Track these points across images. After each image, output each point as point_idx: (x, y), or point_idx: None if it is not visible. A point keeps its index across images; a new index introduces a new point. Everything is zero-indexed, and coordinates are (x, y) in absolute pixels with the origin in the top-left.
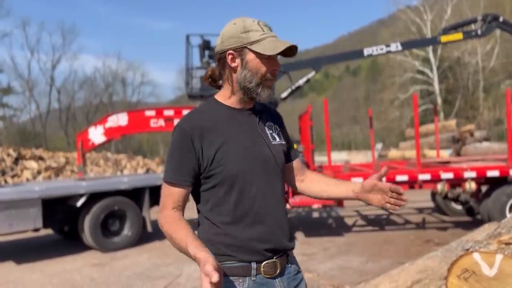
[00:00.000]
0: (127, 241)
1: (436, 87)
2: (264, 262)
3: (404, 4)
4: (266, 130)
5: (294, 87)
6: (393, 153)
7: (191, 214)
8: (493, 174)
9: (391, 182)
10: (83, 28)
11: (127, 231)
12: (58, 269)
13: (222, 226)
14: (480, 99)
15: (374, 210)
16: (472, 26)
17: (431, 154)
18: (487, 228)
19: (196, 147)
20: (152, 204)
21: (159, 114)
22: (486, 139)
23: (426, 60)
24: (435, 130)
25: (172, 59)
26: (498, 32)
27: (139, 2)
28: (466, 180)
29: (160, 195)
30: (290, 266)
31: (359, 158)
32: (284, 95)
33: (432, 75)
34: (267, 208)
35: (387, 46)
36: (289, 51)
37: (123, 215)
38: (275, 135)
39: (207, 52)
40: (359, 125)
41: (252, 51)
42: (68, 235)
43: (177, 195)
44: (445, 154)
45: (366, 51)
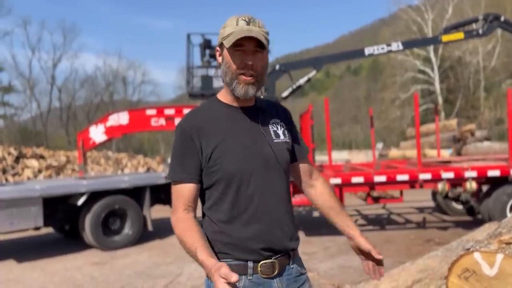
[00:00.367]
0: (128, 240)
1: (437, 86)
2: (261, 262)
3: (405, 4)
4: (269, 128)
5: (295, 86)
6: (393, 152)
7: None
8: (494, 173)
9: (392, 182)
10: (84, 27)
11: (127, 230)
12: (59, 267)
13: (219, 224)
14: (481, 99)
15: (374, 210)
16: (473, 26)
17: (432, 153)
18: (487, 228)
19: (197, 145)
20: (153, 203)
21: (160, 113)
22: (487, 138)
23: (427, 60)
24: (436, 130)
25: (173, 58)
26: (499, 31)
27: (140, 0)
28: (466, 179)
29: (160, 194)
30: (292, 267)
31: (360, 157)
32: (285, 94)
33: (433, 75)
34: (266, 207)
35: (388, 45)
36: (258, 42)
37: (124, 214)
38: (280, 132)
39: (208, 51)
40: (359, 124)
41: (225, 47)
42: (68, 233)
43: (185, 193)
44: (445, 154)
45: (367, 51)
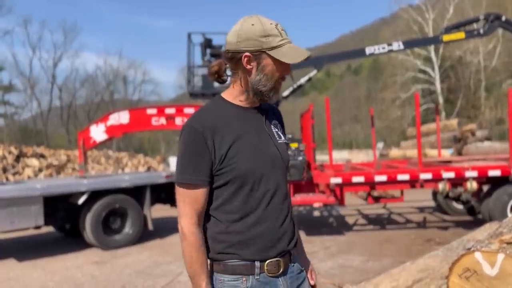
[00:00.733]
0: (128, 239)
1: (437, 86)
2: (267, 261)
3: (406, 3)
4: (272, 129)
5: (295, 86)
6: (394, 152)
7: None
8: (494, 173)
9: (393, 182)
10: (84, 26)
11: (128, 229)
12: (59, 266)
13: (228, 224)
14: (482, 99)
15: (375, 210)
16: (474, 25)
17: (432, 153)
18: (488, 228)
19: (209, 145)
20: (153, 202)
21: (161, 112)
22: (488, 138)
23: (427, 59)
24: (436, 130)
25: (174, 57)
26: (500, 31)
27: (141, 0)
28: (467, 179)
29: (161, 193)
30: (293, 265)
31: (360, 157)
32: (285, 93)
33: (434, 74)
34: (273, 206)
35: (389, 45)
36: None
37: (124, 213)
38: (280, 133)
39: (208, 50)
40: (360, 124)
41: (270, 57)
42: (69, 232)
43: (197, 197)
44: (446, 154)
45: (368, 50)
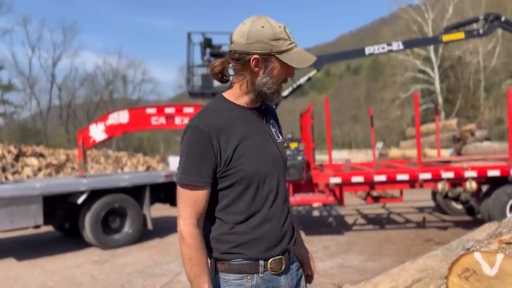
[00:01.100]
0: (128, 238)
1: (437, 86)
2: (270, 259)
3: (406, 3)
4: (271, 129)
5: (295, 86)
6: (393, 152)
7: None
8: (493, 173)
9: (392, 182)
10: (84, 26)
11: (127, 229)
12: (59, 265)
13: (233, 225)
14: (481, 99)
15: (374, 209)
16: (474, 26)
17: (432, 153)
18: (487, 228)
19: (215, 146)
20: (153, 201)
21: (160, 111)
22: (487, 138)
23: (427, 59)
24: (436, 130)
25: (173, 57)
26: (499, 31)
27: None
28: (466, 179)
29: (160, 193)
30: (292, 263)
31: (360, 157)
32: (285, 93)
33: (433, 74)
34: (277, 206)
35: (389, 45)
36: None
37: (124, 213)
38: (278, 133)
39: (208, 50)
40: (359, 124)
41: (279, 60)
42: (68, 232)
43: (199, 199)
44: (445, 154)
45: (368, 50)
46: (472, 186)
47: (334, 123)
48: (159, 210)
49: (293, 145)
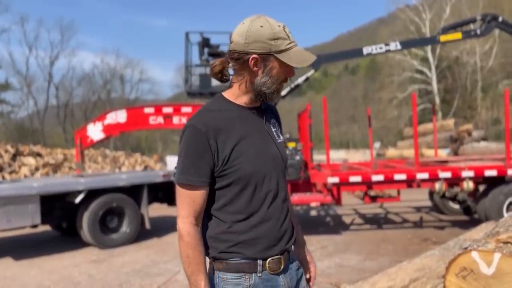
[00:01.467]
0: (125, 238)
1: (434, 86)
2: (269, 259)
3: (403, 3)
4: (271, 128)
5: (293, 85)
6: (391, 152)
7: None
8: (490, 173)
9: (390, 181)
10: (81, 25)
11: (125, 228)
12: (57, 265)
13: (231, 224)
14: (478, 99)
15: (372, 209)
16: (471, 26)
17: (429, 153)
18: (484, 227)
19: (212, 146)
20: (150, 201)
21: (158, 111)
22: (484, 138)
23: (424, 60)
24: (433, 130)
25: (171, 56)
26: (497, 32)
27: None
28: (464, 179)
29: (158, 192)
30: (292, 263)
31: (357, 156)
32: (283, 93)
33: (431, 75)
34: (276, 205)
35: (387, 45)
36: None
37: (121, 212)
38: (279, 133)
39: (206, 50)
40: (357, 123)
41: (278, 60)
42: (66, 231)
43: (197, 199)
44: (443, 154)
45: (366, 50)
46: (469, 186)
47: (332, 123)
48: (157, 210)
49: (291, 144)
